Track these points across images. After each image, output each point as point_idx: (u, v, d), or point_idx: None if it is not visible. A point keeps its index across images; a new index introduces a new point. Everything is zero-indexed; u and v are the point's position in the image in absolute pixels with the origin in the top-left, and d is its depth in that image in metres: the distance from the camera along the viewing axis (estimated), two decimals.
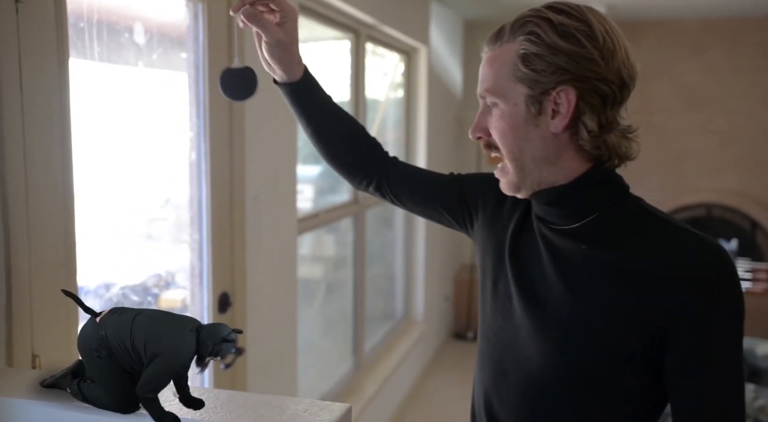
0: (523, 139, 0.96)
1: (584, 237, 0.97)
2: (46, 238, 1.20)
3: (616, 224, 0.97)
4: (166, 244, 1.82)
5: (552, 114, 0.94)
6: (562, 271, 0.97)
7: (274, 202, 2.20)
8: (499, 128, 0.98)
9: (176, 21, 1.74)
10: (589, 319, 0.94)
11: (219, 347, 0.83)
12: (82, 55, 1.38)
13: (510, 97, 0.96)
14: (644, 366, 0.93)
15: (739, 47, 5.16)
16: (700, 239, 0.92)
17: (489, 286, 1.08)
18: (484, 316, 1.09)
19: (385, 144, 1.35)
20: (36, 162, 1.17)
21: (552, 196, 0.99)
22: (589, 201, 0.98)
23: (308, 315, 3.03)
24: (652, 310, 0.90)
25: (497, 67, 0.97)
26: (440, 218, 1.22)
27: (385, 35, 3.59)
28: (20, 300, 1.14)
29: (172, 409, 0.86)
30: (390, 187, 1.22)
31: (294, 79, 1.12)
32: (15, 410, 0.91)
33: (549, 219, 1.01)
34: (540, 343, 0.98)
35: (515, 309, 1.02)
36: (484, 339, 1.09)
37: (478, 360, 1.11)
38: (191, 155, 1.80)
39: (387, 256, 4.23)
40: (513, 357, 1.02)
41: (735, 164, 5.22)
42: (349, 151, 1.21)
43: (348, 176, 1.25)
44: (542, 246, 1.01)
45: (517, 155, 0.98)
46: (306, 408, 0.86)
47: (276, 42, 1.05)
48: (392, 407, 3.77)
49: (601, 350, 0.93)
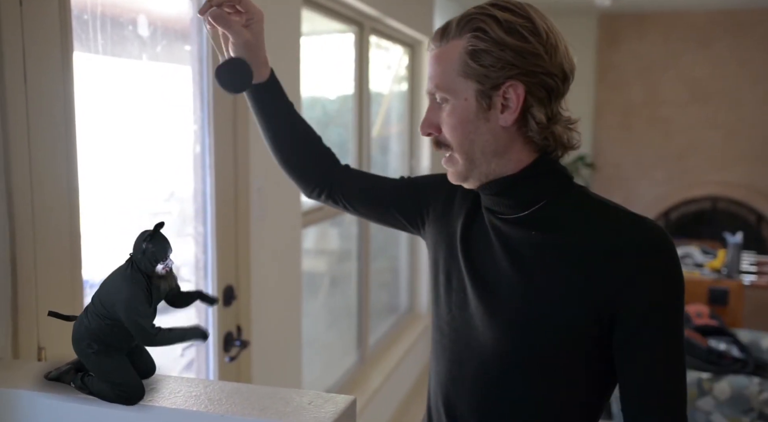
0: (473, 132, 0.99)
1: (533, 224, 1.01)
2: (51, 231, 1.20)
3: (562, 211, 1.01)
4: (171, 237, 1.81)
5: (501, 108, 0.97)
6: (512, 258, 1.01)
7: (278, 195, 2.20)
8: (450, 123, 1.00)
9: (180, 13, 1.73)
10: (540, 302, 0.97)
11: (147, 251, 0.83)
12: (85, 48, 1.38)
13: (460, 92, 0.98)
14: (595, 346, 0.97)
15: (746, 40, 5.13)
16: (642, 220, 0.97)
17: (442, 280, 1.10)
18: (437, 310, 1.12)
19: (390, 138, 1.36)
20: (40, 155, 1.17)
21: (500, 186, 1.02)
22: (536, 190, 1.01)
23: (313, 308, 3.03)
24: (600, 290, 0.94)
25: (445, 63, 0.99)
26: (394, 222, 1.24)
27: (389, 28, 3.58)
28: (25, 292, 1.14)
29: (177, 399, 0.86)
30: (343, 193, 1.24)
31: (260, 81, 1.14)
32: (21, 402, 0.91)
33: (498, 210, 1.04)
34: (493, 329, 1.00)
35: (469, 299, 1.04)
36: (438, 330, 1.11)
37: (433, 353, 1.13)
38: (195, 148, 1.80)
39: (391, 250, 4.23)
40: (467, 345, 1.04)
41: (741, 157, 5.20)
42: (304, 158, 1.24)
43: (301, 183, 1.27)
44: (493, 235, 1.04)
45: (467, 148, 1.00)
46: (310, 400, 0.86)
47: (243, 43, 1.08)
48: (397, 400, 3.78)
49: (553, 332, 0.97)
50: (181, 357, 1.82)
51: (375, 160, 3.65)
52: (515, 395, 1.01)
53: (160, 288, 0.87)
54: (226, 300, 1.90)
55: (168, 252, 0.85)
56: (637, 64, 5.42)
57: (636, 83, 5.44)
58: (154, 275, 0.85)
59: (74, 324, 0.89)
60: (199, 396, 0.88)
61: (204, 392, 0.89)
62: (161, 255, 0.84)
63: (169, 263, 0.85)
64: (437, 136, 1.03)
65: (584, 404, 1.02)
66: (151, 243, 0.84)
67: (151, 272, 0.85)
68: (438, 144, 1.04)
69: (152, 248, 0.84)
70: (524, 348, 0.99)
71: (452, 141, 1.01)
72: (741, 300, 3.63)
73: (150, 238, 0.84)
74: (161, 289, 0.87)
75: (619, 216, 0.99)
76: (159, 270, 0.85)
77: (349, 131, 3.25)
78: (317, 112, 2.95)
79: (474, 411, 1.04)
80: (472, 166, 1.01)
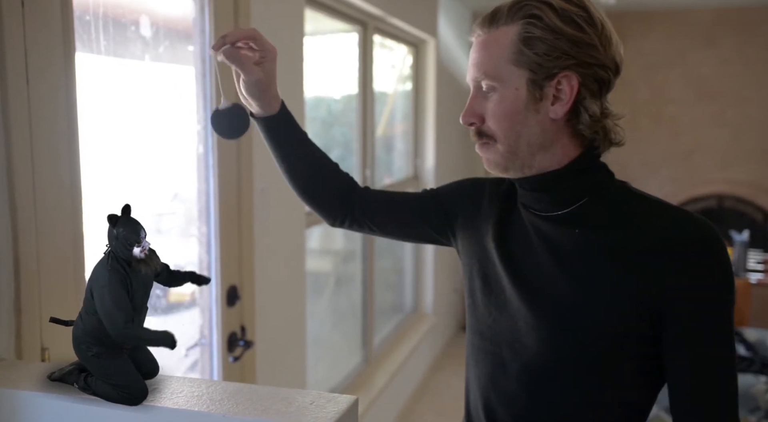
0: (520, 124, 0.96)
1: (576, 221, 0.98)
2: (53, 232, 1.20)
3: (605, 207, 0.98)
4: (175, 238, 1.82)
5: (553, 99, 0.95)
6: (555, 257, 0.98)
7: (281, 195, 2.20)
8: (497, 113, 0.96)
9: (182, 14, 1.73)
10: (587, 301, 0.95)
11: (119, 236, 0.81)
12: (88, 48, 1.38)
13: (510, 81, 0.95)
14: (643, 344, 0.95)
15: (752, 38, 5.10)
16: (690, 215, 0.95)
17: (479, 285, 1.08)
18: (475, 314, 1.09)
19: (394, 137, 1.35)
20: (43, 156, 1.17)
21: (543, 181, 0.99)
22: (580, 186, 0.99)
23: (318, 308, 3.03)
24: (649, 287, 0.92)
25: (495, 50, 0.95)
26: (425, 236, 1.21)
27: (393, 27, 3.57)
28: (29, 293, 1.14)
29: (179, 399, 0.86)
30: (368, 217, 1.21)
31: (270, 114, 1.12)
32: (24, 402, 0.91)
33: (537, 207, 1.01)
34: (537, 330, 0.98)
35: (509, 301, 1.02)
36: (477, 335, 1.08)
37: (471, 358, 1.11)
38: (199, 148, 1.80)
39: (396, 249, 4.23)
40: (510, 347, 1.02)
41: (747, 155, 5.17)
42: (323, 188, 1.21)
43: (323, 213, 1.24)
44: (532, 234, 1.01)
45: (512, 140, 0.97)
46: (312, 401, 0.86)
47: (255, 81, 1.06)
48: (402, 400, 3.78)
49: (601, 331, 0.94)
50: (185, 357, 1.82)
51: (379, 160, 3.65)
52: (560, 396, 0.98)
53: (142, 273, 0.84)
54: (230, 301, 1.90)
55: (140, 233, 0.82)
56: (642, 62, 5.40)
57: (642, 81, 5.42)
58: (133, 260, 0.83)
59: (73, 332, 0.88)
60: (201, 396, 0.88)
61: (206, 392, 0.89)
62: (133, 237, 0.82)
63: (146, 245, 0.83)
64: (480, 126, 0.99)
65: (629, 404, 0.99)
66: (121, 227, 0.82)
67: (129, 257, 0.83)
68: (480, 134, 0.99)
69: (123, 231, 0.82)
70: (570, 348, 0.96)
71: (497, 132, 0.97)
72: (748, 298, 3.61)
73: (118, 222, 0.82)
74: (143, 274, 0.84)
75: (666, 211, 0.96)
76: (137, 254, 0.83)
77: (353, 131, 3.24)
78: (322, 112, 2.95)
79: (517, 414, 1.02)
80: (514, 157, 0.98)
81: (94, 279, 0.84)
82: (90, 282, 0.85)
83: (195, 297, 1.85)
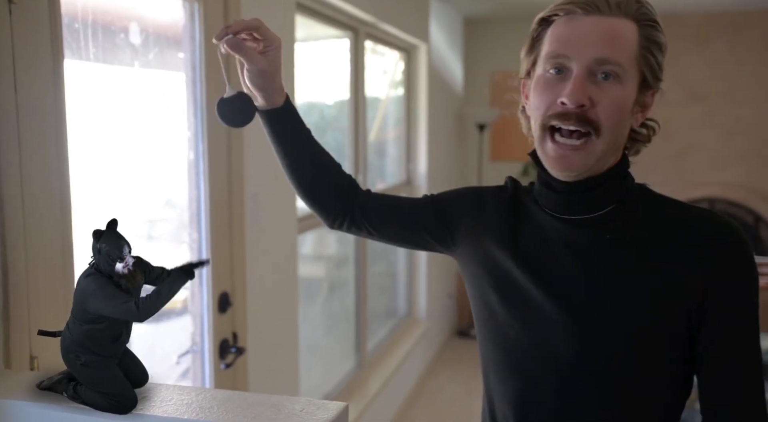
0: (622, 123, 0.95)
1: (605, 226, 0.97)
2: (42, 240, 1.20)
3: (632, 210, 0.98)
4: (166, 245, 1.81)
5: (641, 108, 0.97)
6: (587, 262, 0.96)
7: (273, 200, 2.20)
8: (612, 104, 0.91)
9: (172, 21, 1.73)
10: (625, 307, 0.93)
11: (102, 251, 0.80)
12: (77, 56, 1.38)
13: (630, 77, 0.93)
14: (678, 347, 0.94)
15: (743, 40, 5.14)
16: (716, 215, 0.96)
17: (495, 298, 1.03)
18: (494, 327, 1.04)
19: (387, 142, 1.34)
20: (32, 164, 1.17)
21: (586, 185, 0.97)
22: (614, 191, 0.98)
23: (311, 314, 3.03)
24: (684, 289, 0.92)
25: (623, 39, 0.92)
26: (422, 242, 1.18)
27: (384, 33, 3.58)
28: (18, 301, 1.13)
29: (168, 407, 0.86)
30: (366, 220, 1.18)
31: (274, 106, 1.10)
32: (13, 412, 0.91)
33: (564, 210, 0.99)
34: (576, 339, 0.95)
35: (538, 311, 0.98)
36: (499, 350, 1.03)
37: (495, 375, 1.05)
38: (189, 155, 1.80)
39: (389, 254, 4.23)
40: (540, 360, 0.98)
41: (739, 158, 5.20)
42: (324, 187, 1.18)
43: (323, 213, 1.21)
44: (557, 240, 0.99)
45: (613, 137, 0.94)
46: (303, 407, 0.86)
47: (258, 71, 1.03)
48: (396, 405, 3.77)
49: (640, 335, 0.93)
50: (177, 364, 1.82)
51: (372, 165, 3.65)
52: (599, 405, 0.96)
53: (123, 288, 0.83)
54: (221, 307, 1.90)
55: (123, 248, 0.81)
56: None
57: None
58: (115, 275, 0.82)
59: (61, 341, 0.88)
60: (191, 404, 0.88)
61: (196, 400, 0.89)
62: (116, 253, 0.81)
63: (128, 261, 0.82)
64: (586, 111, 0.91)
65: (665, 407, 0.98)
66: (104, 243, 0.81)
67: (111, 273, 0.82)
68: (580, 120, 0.91)
69: (106, 247, 0.81)
70: (610, 355, 0.94)
71: (605, 123, 0.91)
72: None
73: (102, 237, 0.82)
74: (125, 289, 0.83)
75: (691, 212, 0.97)
76: (119, 270, 0.82)
77: (345, 136, 3.25)
78: (314, 117, 2.96)
79: None
80: (605, 156, 0.94)
81: (81, 291, 0.84)
82: (78, 295, 0.85)
83: (187, 304, 1.85)
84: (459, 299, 5.35)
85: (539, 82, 0.96)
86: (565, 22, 0.94)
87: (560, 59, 0.93)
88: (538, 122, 0.96)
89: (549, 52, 0.95)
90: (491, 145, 5.59)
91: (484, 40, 5.47)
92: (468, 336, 5.18)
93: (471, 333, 5.17)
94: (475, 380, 4.32)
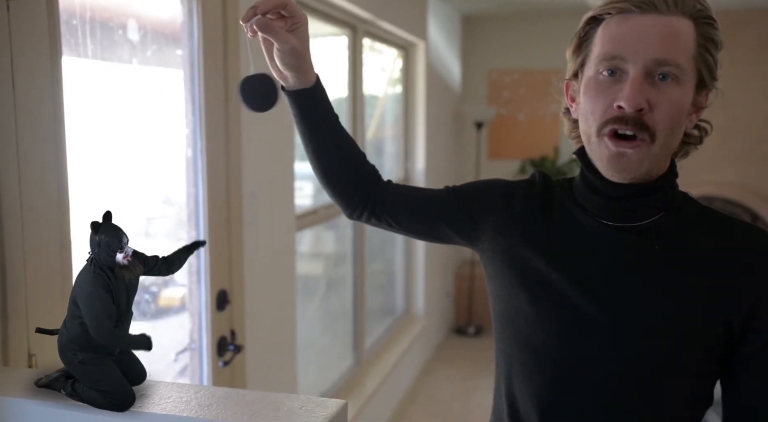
0: (679, 126, 0.91)
1: (652, 234, 0.94)
2: (40, 237, 1.20)
3: (679, 221, 0.96)
4: (165, 242, 1.81)
5: (695, 110, 0.93)
6: (633, 272, 0.94)
7: (272, 198, 2.20)
8: (671, 106, 0.88)
9: (171, 17, 1.73)
10: (669, 319, 0.91)
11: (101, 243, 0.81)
12: (75, 52, 1.37)
13: (688, 78, 0.89)
14: (713, 360, 0.93)
15: (738, 40, 5.14)
16: (759, 229, 0.94)
17: (525, 296, 0.99)
18: (522, 327, 1.00)
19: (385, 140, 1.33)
20: (29, 161, 1.16)
21: (641, 190, 0.94)
22: (665, 199, 0.95)
23: (308, 312, 3.03)
24: (728, 305, 0.90)
25: (682, 39, 0.88)
26: (443, 235, 1.15)
27: (382, 31, 3.58)
28: (15, 298, 1.13)
29: (167, 405, 0.86)
30: (387, 211, 1.15)
31: (306, 86, 1.06)
32: (11, 409, 0.90)
33: (611, 217, 0.96)
34: (617, 347, 0.93)
35: (575, 315, 0.95)
36: (528, 351, 0.99)
37: (521, 376, 1.01)
38: (187, 152, 1.80)
39: (387, 252, 4.23)
40: (577, 365, 0.95)
41: (734, 157, 5.21)
42: (349, 176, 1.14)
43: (344, 202, 1.17)
44: (600, 245, 0.96)
45: (669, 140, 0.90)
46: (302, 405, 0.86)
47: (290, 50, 0.99)
48: (393, 403, 3.77)
49: (682, 348, 0.91)
50: (175, 362, 1.82)
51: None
52: (636, 415, 0.94)
53: (125, 279, 0.84)
54: (219, 305, 1.90)
55: (123, 239, 0.82)
56: None
57: None
58: (116, 266, 0.83)
59: (58, 341, 0.88)
60: (190, 401, 0.87)
61: (194, 397, 0.89)
62: (116, 243, 0.82)
63: (128, 251, 0.83)
64: (644, 114, 0.87)
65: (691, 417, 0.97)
66: (103, 234, 0.82)
67: (112, 264, 0.83)
68: (638, 124, 0.87)
69: (105, 238, 0.82)
70: (655, 366, 0.92)
71: (662, 126, 0.88)
72: None
73: (100, 229, 0.82)
74: (126, 280, 0.84)
75: (738, 226, 0.95)
76: (120, 260, 0.83)
77: None
78: None
79: None
80: (660, 160, 0.91)
81: (78, 287, 0.84)
82: (74, 291, 0.85)
83: (185, 302, 1.85)
84: (457, 297, 5.35)
85: (591, 85, 0.92)
86: (618, 21, 0.89)
87: (615, 61, 0.89)
88: (594, 127, 0.92)
89: (602, 53, 0.90)
90: (489, 143, 5.59)
91: (482, 37, 5.47)
92: (465, 334, 5.18)
93: (468, 330, 5.17)
94: (472, 378, 4.33)
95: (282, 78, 1.06)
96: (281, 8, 0.97)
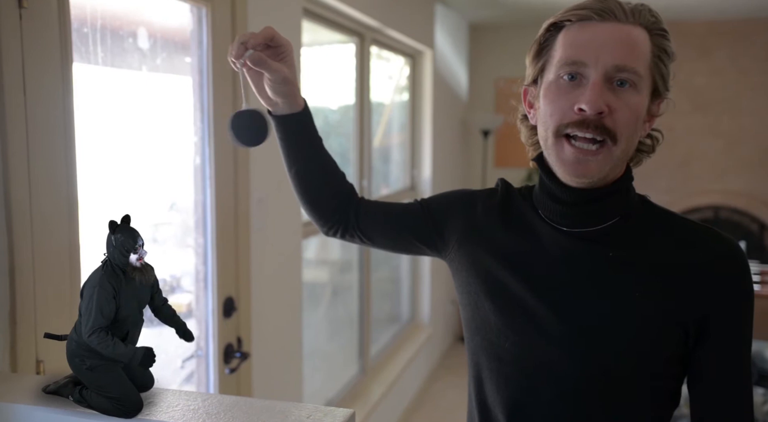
0: (635, 132, 0.94)
1: (607, 239, 0.96)
2: (50, 243, 1.20)
3: (634, 225, 0.97)
4: (172, 249, 1.81)
5: (649, 118, 0.96)
6: (587, 278, 0.95)
7: (278, 205, 2.20)
8: (629, 111, 0.90)
9: (180, 25, 1.74)
10: (624, 324, 0.93)
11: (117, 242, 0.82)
12: (85, 59, 1.38)
13: (643, 85, 0.92)
14: (674, 363, 0.94)
15: (745, 48, 5.14)
16: (718, 233, 0.95)
17: (489, 306, 1.01)
18: (487, 336, 1.02)
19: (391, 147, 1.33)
20: (39, 167, 1.17)
21: (596, 195, 0.95)
22: (619, 204, 0.97)
23: (314, 319, 3.02)
24: (685, 308, 0.92)
25: (639, 47, 0.91)
26: (411, 247, 1.17)
27: (389, 38, 3.59)
28: (24, 305, 1.14)
29: (175, 413, 0.85)
30: (359, 228, 1.17)
31: (295, 111, 1.08)
32: (19, 415, 0.91)
33: (565, 222, 0.97)
34: (578, 354, 0.94)
35: (536, 322, 0.96)
36: (494, 359, 1.01)
37: (491, 382, 1.03)
38: (196, 159, 1.80)
39: (392, 260, 4.22)
40: (539, 372, 0.97)
41: (742, 166, 5.19)
42: (328, 197, 1.16)
43: (321, 221, 1.19)
44: (557, 251, 0.98)
45: (628, 145, 0.92)
46: (309, 414, 0.85)
47: (282, 79, 1.01)
48: (399, 411, 3.76)
49: (638, 352, 0.93)
50: (181, 369, 1.81)
51: (376, 170, 3.65)
52: (595, 415, 0.95)
53: (136, 281, 0.84)
54: (226, 312, 1.90)
55: (138, 240, 0.83)
56: None
57: None
58: (129, 267, 0.84)
59: (67, 346, 0.88)
60: (198, 409, 0.87)
61: (202, 405, 0.88)
62: (131, 243, 0.83)
63: (142, 253, 0.84)
64: (604, 118, 0.89)
65: (658, 418, 0.98)
66: (119, 233, 0.83)
67: (125, 265, 0.83)
68: (598, 127, 0.89)
69: (121, 237, 0.83)
70: (612, 371, 0.93)
71: (622, 130, 0.90)
72: None
73: (117, 228, 0.83)
74: (138, 282, 0.84)
75: (695, 230, 0.96)
76: (133, 261, 0.83)
77: (350, 141, 3.25)
78: (319, 122, 2.94)
79: None
80: (619, 163, 0.93)
81: (86, 285, 0.84)
82: (82, 290, 0.85)
83: (191, 309, 1.85)
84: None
85: (551, 88, 0.94)
86: (579, 27, 0.92)
87: (576, 66, 0.91)
88: (551, 129, 0.93)
89: (563, 58, 0.92)
90: (495, 151, 5.59)
91: (489, 46, 5.48)
92: None
93: None
94: None
95: (271, 104, 1.07)
96: (269, 40, 0.99)
